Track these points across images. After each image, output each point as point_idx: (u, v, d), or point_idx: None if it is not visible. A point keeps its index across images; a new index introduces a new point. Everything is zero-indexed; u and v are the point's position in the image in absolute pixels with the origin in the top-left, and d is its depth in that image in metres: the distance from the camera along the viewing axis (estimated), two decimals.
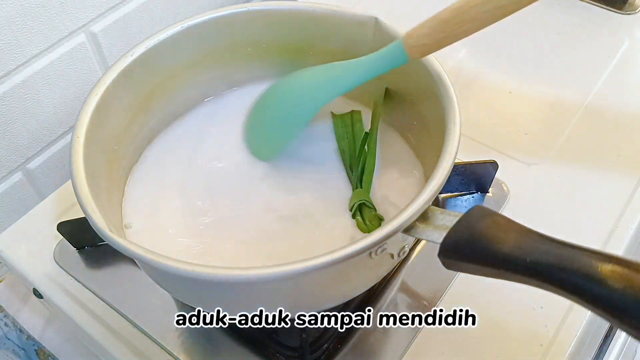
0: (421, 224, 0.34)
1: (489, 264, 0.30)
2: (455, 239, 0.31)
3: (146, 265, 0.36)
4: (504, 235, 0.29)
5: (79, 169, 0.37)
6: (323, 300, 0.38)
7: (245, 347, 0.44)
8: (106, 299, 0.47)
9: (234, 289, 0.35)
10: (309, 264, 0.31)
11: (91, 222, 0.34)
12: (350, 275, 0.36)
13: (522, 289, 0.46)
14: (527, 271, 0.28)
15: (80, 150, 0.37)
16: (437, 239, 0.32)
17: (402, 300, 0.46)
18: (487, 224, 0.30)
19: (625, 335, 0.57)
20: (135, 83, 0.44)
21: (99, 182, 0.39)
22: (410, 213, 0.33)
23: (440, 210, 0.34)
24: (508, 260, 0.29)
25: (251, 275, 0.31)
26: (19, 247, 0.51)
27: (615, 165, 0.55)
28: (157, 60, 0.45)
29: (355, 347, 0.44)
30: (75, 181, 0.36)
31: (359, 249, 0.32)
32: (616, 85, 0.62)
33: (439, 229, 0.33)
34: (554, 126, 0.58)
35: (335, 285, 0.37)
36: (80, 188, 0.36)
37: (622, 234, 0.49)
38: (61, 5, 0.54)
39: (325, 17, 0.47)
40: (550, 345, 0.43)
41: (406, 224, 0.33)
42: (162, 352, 0.44)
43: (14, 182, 0.59)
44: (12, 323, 0.60)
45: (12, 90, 0.54)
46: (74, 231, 0.49)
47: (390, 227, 0.32)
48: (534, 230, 0.29)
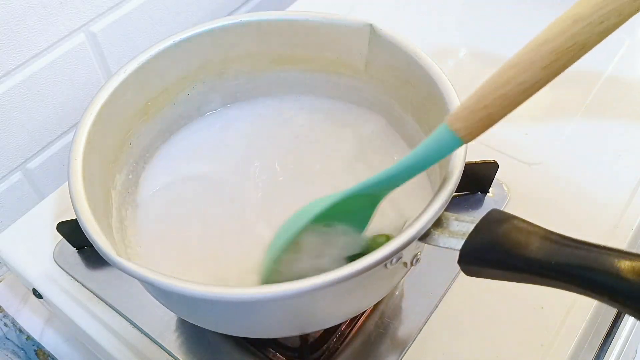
0: (436, 231, 0.33)
1: (512, 268, 0.29)
2: (476, 245, 0.30)
3: (159, 289, 0.34)
4: (526, 239, 0.29)
5: (79, 190, 0.36)
6: (335, 315, 0.38)
7: (245, 347, 0.44)
8: (106, 299, 0.47)
9: (248, 308, 0.34)
10: (328, 278, 0.30)
11: (96, 246, 0.33)
12: (366, 287, 0.36)
13: (523, 289, 0.46)
14: (552, 274, 0.28)
15: (79, 170, 0.37)
16: (455, 246, 0.31)
17: (404, 302, 0.46)
18: (507, 228, 0.30)
19: (626, 335, 0.57)
20: (128, 100, 0.44)
21: (97, 204, 0.38)
22: (426, 220, 0.32)
23: (455, 216, 0.33)
24: (533, 264, 0.28)
25: (270, 293, 0.30)
26: (18, 247, 0.51)
27: (616, 165, 0.54)
28: (149, 76, 0.44)
29: (355, 347, 0.44)
30: (76, 203, 0.35)
31: (378, 259, 0.31)
32: (616, 85, 0.62)
33: (456, 235, 0.32)
34: (554, 126, 0.58)
35: (349, 299, 0.36)
36: (82, 211, 0.35)
37: (623, 234, 0.49)
38: (61, 5, 0.54)
39: (319, 25, 0.46)
40: (550, 345, 0.43)
41: (422, 232, 0.32)
42: (162, 352, 0.44)
43: (14, 182, 0.59)
44: (11, 323, 0.60)
45: (12, 90, 0.54)
46: (74, 231, 0.49)
47: (407, 235, 0.31)
48: (555, 232, 0.29)
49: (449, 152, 0.33)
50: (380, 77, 0.47)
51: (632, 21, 0.27)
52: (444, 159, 0.34)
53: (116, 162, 0.44)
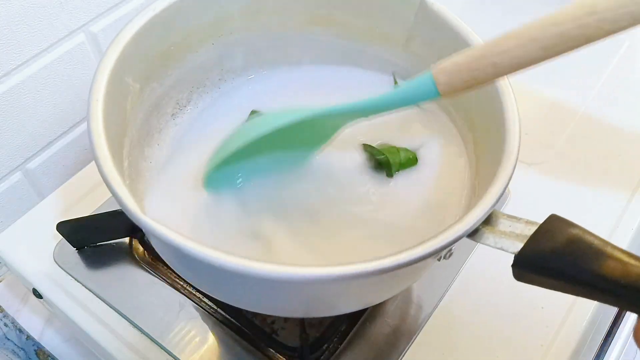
0: (485, 229, 0.31)
1: (575, 281, 0.28)
2: (536, 252, 0.29)
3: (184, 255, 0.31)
4: (593, 252, 0.27)
5: (102, 141, 0.33)
6: (359, 301, 0.36)
7: (245, 347, 0.44)
8: (106, 299, 0.47)
9: (287, 287, 0.32)
10: (377, 265, 0.28)
11: (127, 212, 0.31)
12: (399, 277, 0.34)
13: (522, 289, 0.46)
14: (621, 292, 0.26)
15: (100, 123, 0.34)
16: (509, 248, 0.30)
17: (404, 302, 0.46)
18: (571, 237, 0.28)
19: (626, 335, 0.57)
20: (150, 44, 0.41)
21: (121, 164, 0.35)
22: (478, 215, 0.30)
23: (506, 216, 0.32)
24: (600, 280, 0.27)
25: (320, 273, 0.28)
26: (18, 247, 0.51)
27: (616, 165, 0.54)
28: (176, 17, 0.41)
29: (355, 347, 0.44)
30: (100, 160, 0.33)
31: (428, 252, 0.29)
32: (616, 85, 0.62)
33: (509, 236, 0.30)
34: (554, 126, 0.58)
35: (380, 287, 0.35)
36: (108, 172, 0.32)
37: (623, 234, 0.49)
38: (61, 5, 0.54)
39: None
40: (551, 345, 0.43)
41: (473, 228, 0.30)
42: (162, 352, 0.44)
43: (14, 182, 0.59)
44: (11, 323, 0.60)
45: (12, 90, 0.54)
46: (74, 231, 0.49)
47: (456, 231, 0.30)
48: (617, 247, 0.28)
49: (424, 100, 0.33)
50: (421, 53, 0.44)
51: None
52: (497, 147, 0.34)
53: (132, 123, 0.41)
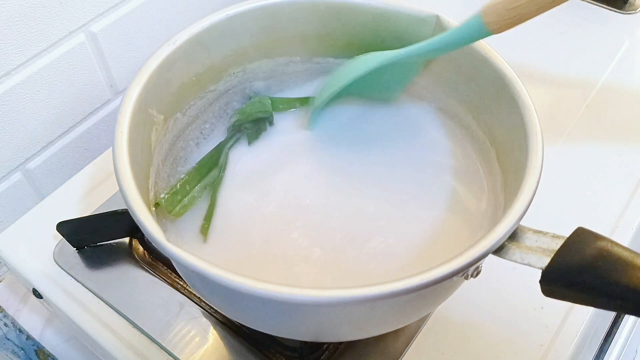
0: (512, 245, 0.31)
1: (606, 295, 0.27)
2: (564, 267, 0.28)
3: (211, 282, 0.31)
4: (622, 265, 0.27)
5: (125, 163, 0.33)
6: (383, 325, 0.36)
7: (245, 347, 0.44)
8: (106, 299, 0.47)
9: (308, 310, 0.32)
10: (403, 285, 0.28)
11: (155, 243, 0.31)
12: (427, 299, 0.34)
13: (522, 289, 0.46)
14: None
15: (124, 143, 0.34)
16: (536, 264, 0.29)
17: None
18: (597, 250, 0.28)
19: (626, 335, 0.57)
20: (172, 76, 0.42)
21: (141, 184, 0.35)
22: (503, 231, 0.30)
23: (533, 230, 0.31)
24: (630, 294, 0.26)
25: (344, 295, 0.28)
26: (18, 247, 0.51)
27: (616, 165, 0.54)
28: (198, 49, 0.42)
29: (355, 347, 0.44)
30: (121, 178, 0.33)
31: (450, 272, 0.28)
32: (616, 85, 0.62)
33: (535, 251, 0.30)
34: (555, 126, 0.58)
35: (406, 310, 0.34)
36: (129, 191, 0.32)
37: (624, 234, 0.49)
38: (61, 5, 0.54)
39: (381, 11, 0.43)
40: (550, 345, 0.43)
41: (498, 244, 0.30)
42: (162, 352, 0.44)
43: (14, 182, 0.59)
44: (11, 323, 0.60)
45: (12, 90, 0.54)
46: (74, 231, 0.49)
47: (480, 248, 0.29)
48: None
49: (476, 39, 0.37)
50: (439, 71, 0.45)
51: (632, 21, 0.27)
52: (520, 159, 0.35)
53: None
